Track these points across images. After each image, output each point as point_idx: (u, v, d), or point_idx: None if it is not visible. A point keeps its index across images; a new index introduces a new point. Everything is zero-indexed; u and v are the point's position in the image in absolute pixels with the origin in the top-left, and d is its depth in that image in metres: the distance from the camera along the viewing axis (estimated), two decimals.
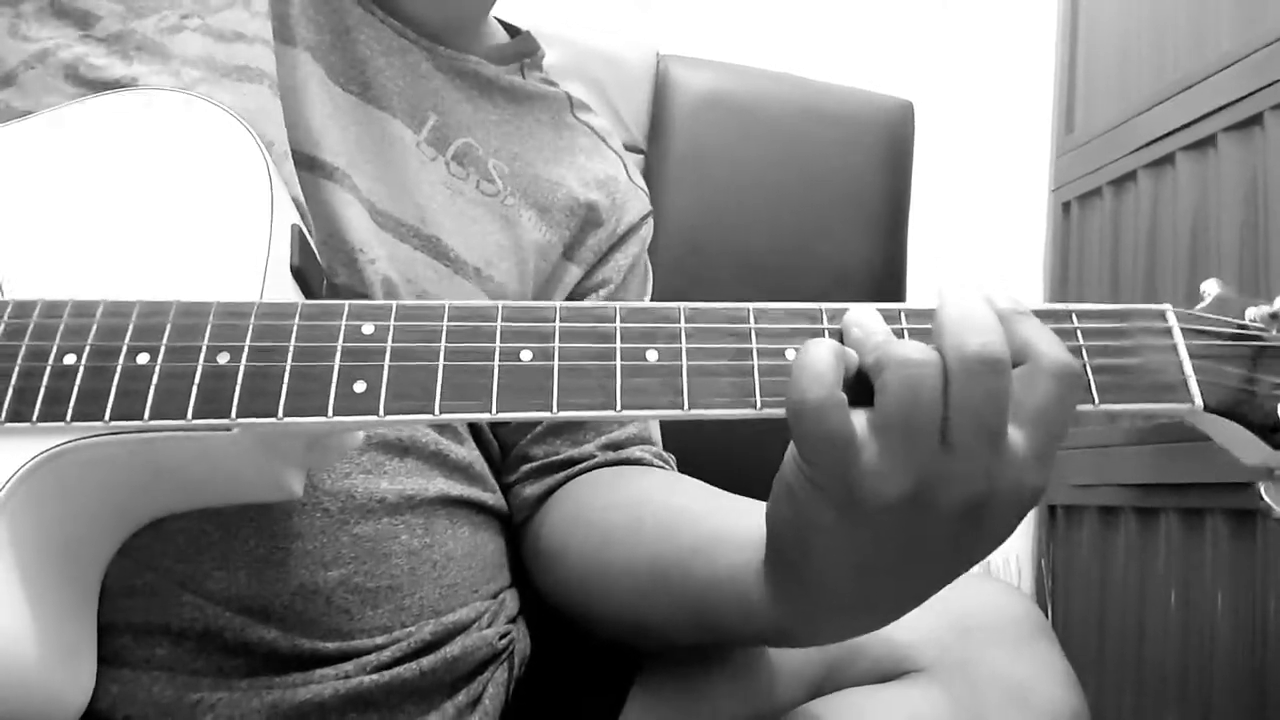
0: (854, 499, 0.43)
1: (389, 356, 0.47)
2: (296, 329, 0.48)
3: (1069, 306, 0.50)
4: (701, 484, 0.69)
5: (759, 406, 0.46)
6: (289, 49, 0.67)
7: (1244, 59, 1.44)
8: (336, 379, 0.46)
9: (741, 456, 0.74)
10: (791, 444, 0.45)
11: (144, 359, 0.47)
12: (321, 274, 0.58)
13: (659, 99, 1.25)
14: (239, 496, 0.54)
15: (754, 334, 0.47)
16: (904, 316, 0.48)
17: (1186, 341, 0.50)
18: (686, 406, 0.46)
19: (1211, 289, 0.53)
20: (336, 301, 0.49)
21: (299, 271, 0.54)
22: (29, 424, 0.46)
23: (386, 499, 0.62)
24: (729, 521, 0.59)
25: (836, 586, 0.48)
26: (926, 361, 0.42)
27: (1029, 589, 1.80)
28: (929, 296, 0.47)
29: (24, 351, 0.47)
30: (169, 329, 0.48)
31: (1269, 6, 1.42)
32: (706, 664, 0.67)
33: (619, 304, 0.48)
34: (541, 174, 0.78)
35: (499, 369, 0.47)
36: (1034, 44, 1.97)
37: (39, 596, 0.45)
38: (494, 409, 0.46)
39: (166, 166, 0.55)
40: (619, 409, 0.46)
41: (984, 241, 1.90)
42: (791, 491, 0.46)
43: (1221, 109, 1.48)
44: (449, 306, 0.48)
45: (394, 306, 0.49)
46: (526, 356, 0.47)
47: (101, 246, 0.53)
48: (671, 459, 0.79)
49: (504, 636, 0.68)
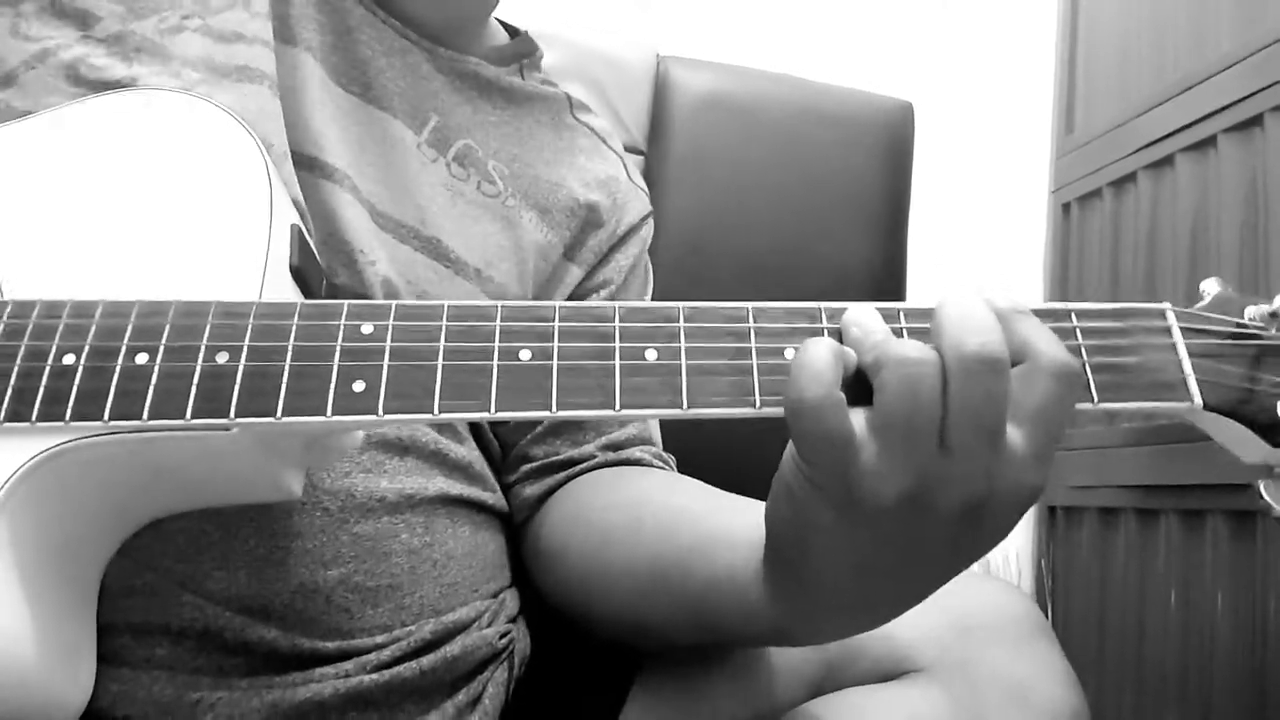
0: (852, 498, 0.43)
1: (388, 356, 0.47)
2: (295, 329, 0.48)
3: (1068, 306, 0.50)
4: (701, 484, 0.69)
5: (758, 406, 0.46)
6: (290, 49, 0.67)
7: (1244, 60, 1.44)
8: (335, 378, 0.47)
9: (741, 456, 0.74)
10: (790, 443, 0.45)
11: (143, 359, 0.47)
12: (321, 274, 0.58)
13: (659, 100, 1.25)
14: (238, 496, 0.54)
15: (753, 333, 0.47)
16: (903, 316, 0.48)
17: (1186, 340, 0.50)
18: (685, 406, 0.46)
19: (1211, 288, 0.53)
20: (335, 301, 0.49)
21: (298, 271, 0.54)
22: (28, 424, 0.46)
23: (386, 498, 0.62)
24: (728, 521, 0.59)
25: (835, 586, 0.48)
26: (925, 360, 0.42)
27: (1029, 589, 1.80)
28: (929, 297, 0.47)
29: (23, 351, 0.48)
30: (168, 329, 0.48)
31: (1269, 7, 1.42)
32: (706, 664, 0.67)
33: (618, 303, 0.48)
34: (542, 175, 0.78)
35: (498, 369, 0.47)
36: (1034, 44, 1.97)
37: (38, 596, 0.45)
38: (493, 408, 0.46)
39: (166, 167, 0.55)
40: (618, 408, 0.46)
41: (984, 242, 1.90)
42: (790, 491, 0.46)
43: (1221, 110, 1.48)
44: (448, 306, 0.48)
45: (393, 306, 0.49)
46: (525, 356, 0.47)
47: (101, 247, 0.53)
48: (671, 459, 0.79)
49: (504, 636, 0.68)
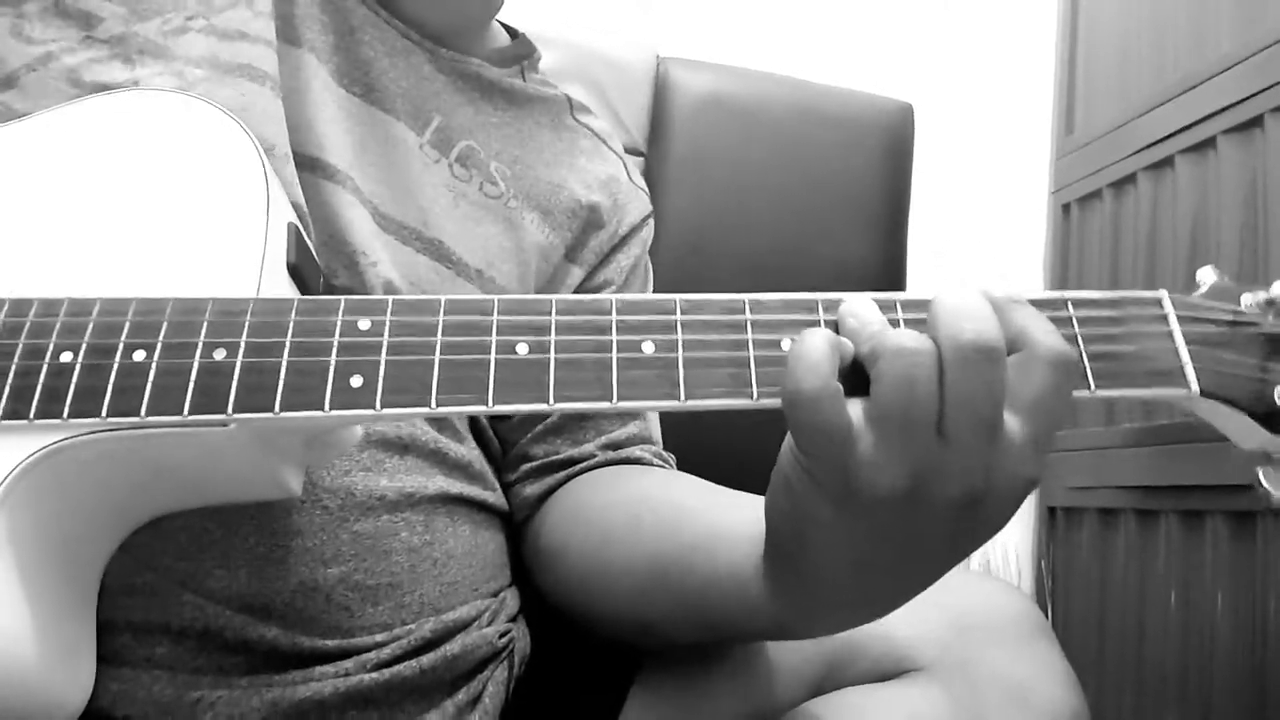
0: (850, 489, 0.43)
1: (385, 351, 0.47)
2: (293, 325, 0.48)
3: (1064, 294, 0.50)
4: (700, 481, 0.69)
5: (755, 397, 0.46)
6: (293, 50, 0.67)
7: (1244, 61, 1.44)
8: (333, 374, 0.47)
9: (741, 452, 0.74)
10: (788, 435, 0.45)
11: (140, 356, 0.47)
12: (319, 272, 0.58)
13: (659, 101, 1.25)
14: (238, 494, 0.53)
15: (749, 325, 0.47)
16: (899, 306, 0.48)
17: (1182, 328, 0.50)
18: (683, 398, 0.46)
19: (1207, 276, 0.53)
20: (332, 297, 0.49)
21: (295, 269, 0.54)
22: (26, 421, 0.46)
23: (386, 496, 0.62)
24: (728, 517, 0.58)
25: (834, 578, 0.48)
26: (921, 350, 0.42)
27: (1029, 589, 1.80)
28: None
29: (21, 349, 0.48)
30: (165, 326, 0.48)
31: (1269, 8, 1.42)
32: (706, 663, 0.67)
33: (615, 297, 0.48)
34: (543, 176, 0.78)
35: (495, 362, 0.47)
36: (1034, 45, 1.97)
37: (38, 595, 0.45)
38: (490, 402, 0.46)
39: (162, 165, 0.55)
40: (615, 401, 0.46)
41: (984, 243, 1.90)
42: (788, 483, 0.46)
43: (1221, 111, 1.47)
44: (445, 301, 0.48)
45: (390, 302, 0.49)
46: (523, 350, 0.47)
47: (98, 245, 0.53)
48: (672, 458, 0.79)
49: (504, 635, 0.68)
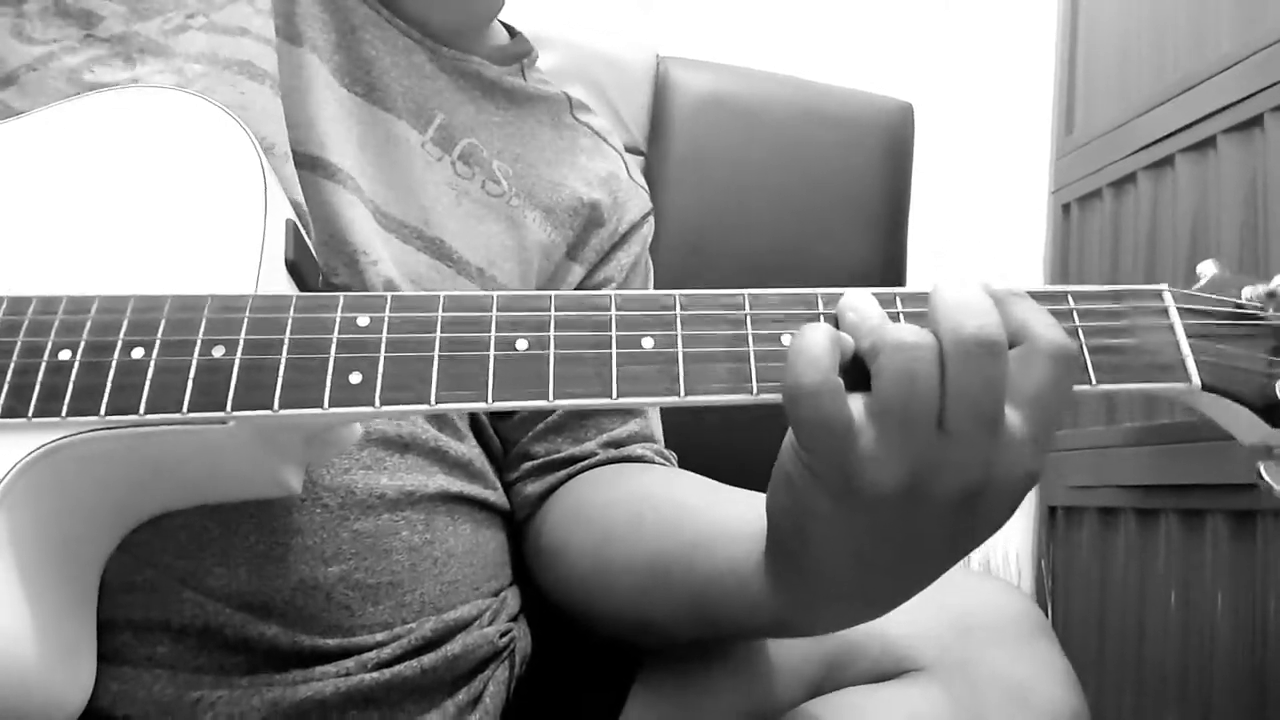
0: (851, 485, 0.43)
1: (384, 348, 0.47)
2: (291, 321, 0.48)
3: (1065, 288, 0.50)
4: (701, 478, 0.69)
5: (755, 392, 0.46)
6: (294, 48, 0.67)
7: (1244, 60, 1.43)
8: (332, 371, 0.46)
9: (742, 449, 0.74)
10: (789, 431, 0.45)
11: (139, 354, 0.47)
12: (317, 269, 0.58)
13: (659, 100, 1.25)
14: (237, 492, 0.53)
15: (749, 320, 0.47)
16: (899, 301, 0.48)
17: (1183, 321, 0.49)
18: (683, 393, 0.46)
19: (1208, 269, 0.52)
20: (331, 294, 0.49)
21: (293, 266, 0.54)
22: (25, 420, 0.46)
23: (386, 495, 0.62)
24: (729, 515, 0.58)
25: (835, 575, 0.48)
26: (922, 345, 0.42)
27: (1029, 589, 1.80)
28: None
29: (19, 347, 0.47)
30: (163, 323, 0.48)
31: (1269, 7, 1.42)
32: (707, 662, 0.67)
33: (614, 292, 0.48)
34: (544, 175, 0.78)
35: (495, 359, 0.47)
36: (1034, 44, 1.96)
37: (38, 594, 0.45)
38: (490, 398, 0.46)
39: (161, 162, 0.55)
40: (615, 397, 0.46)
41: (984, 243, 1.90)
42: (789, 479, 0.46)
43: (1221, 110, 1.47)
44: (444, 297, 0.48)
45: (389, 298, 0.49)
46: (522, 346, 0.47)
47: (96, 242, 0.53)
48: (673, 456, 0.79)
49: (505, 634, 0.68)
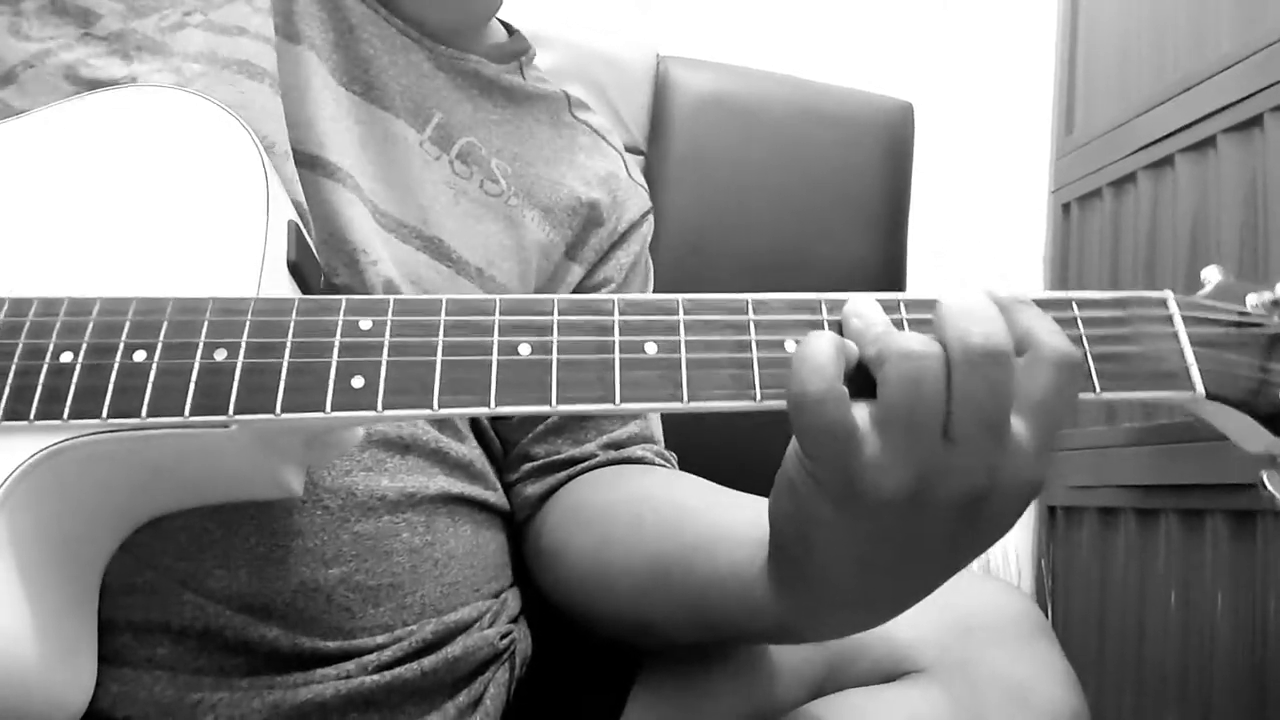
0: (854, 492, 0.43)
1: (387, 351, 0.47)
2: (294, 325, 0.48)
3: (1069, 295, 0.49)
4: (702, 481, 0.69)
5: (759, 399, 0.46)
6: (293, 46, 0.67)
7: (1244, 60, 1.43)
8: (334, 374, 0.46)
9: (743, 451, 0.74)
10: (793, 438, 0.45)
11: (141, 356, 0.47)
12: (319, 270, 0.58)
13: (659, 100, 1.25)
14: (238, 494, 0.53)
15: (753, 325, 0.47)
16: (903, 307, 0.48)
17: (1188, 329, 0.49)
18: (686, 399, 0.46)
19: (1212, 276, 0.52)
20: (334, 297, 0.49)
21: (296, 267, 0.54)
22: (27, 422, 0.46)
23: (387, 496, 0.62)
24: (730, 518, 0.58)
25: (838, 581, 0.48)
26: (928, 354, 0.42)
27: (1029, 589, 1.80)
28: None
29: (21, 349, 0.47)
30: (166, 326, 0.48)
31: (1269, 7, 1.42)
32: (707, 664, 0.67)
33: (617, 297, 0.48)
34: (543, 174, 0.78)
35: (497, 363, 0.46)
36: (1034, 44, 1.96)
37: (39, 595, 0.45)
38: (492, 403, 0.46)
39: (162, 163, 0.55)
40: (618, 403, 0.46)
41: (984, 242, 1.90)
42: (793, 485, 0.46)
43: (1221, 110, 1.47)
44: (447, 301, 0.48)
45: (391, 301, 0.48)
46: (525, 350, 0.47)
47: (98, 244, 0.53)
48: (673, 457, 0.79)
49: (505, 636, 0.68)
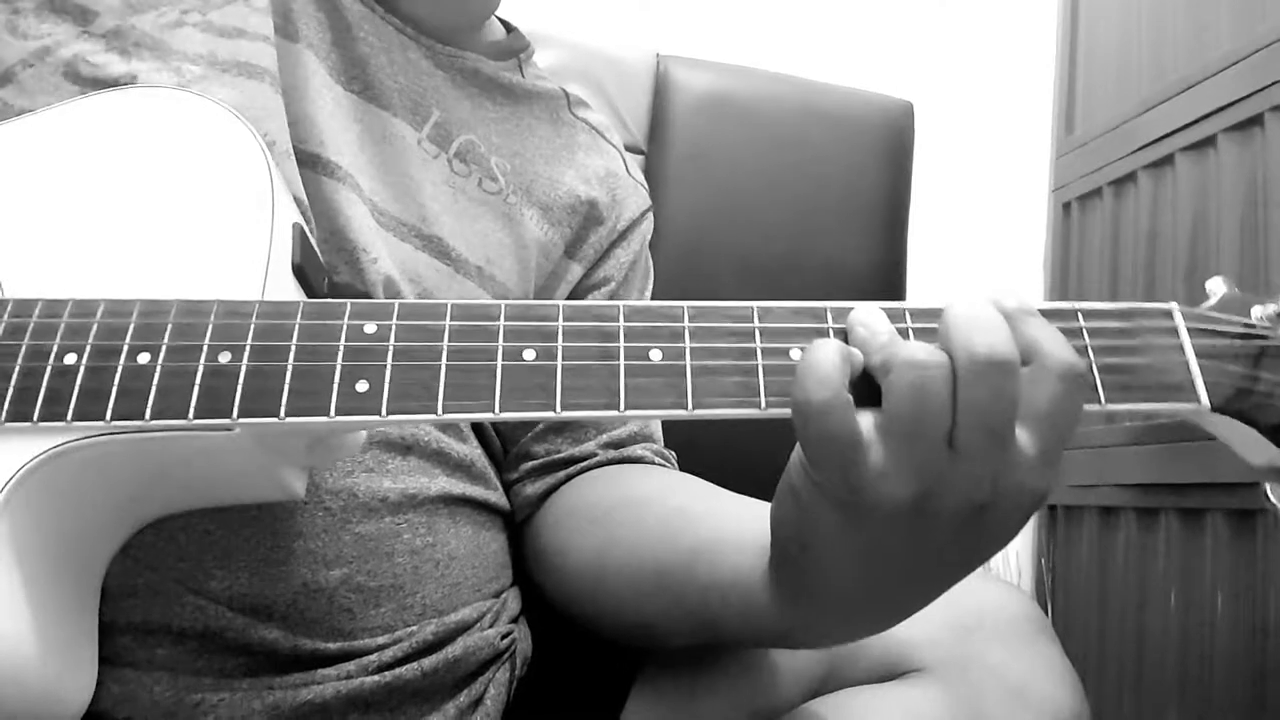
0: (858, 500, 0.43)
1: (391, 356, 0.47)
2: (298, 328, 0.47)
3: (1074, 305, 0.49)
4: (703, 483, 0.69)
5: (764, 407, 0.46)
6: (291, 45, 0.67)
7: (1244, 60, 1.43)
8: (339, 378, 0.46)
9: (743, 453, 0.74)
10: (797, 446, 0.45)
11: (145, 358, 0.47)
12: (323, 272, 0.58)
13: (659, 99, 1.25)
14: (241, 496, 0.53)
15: (758, 333, 0.47)
16: (908, 316, 0.48)
17: (1193, 341, 0.49)
18: (690, 406, 0.46)
19: (1217, 288, 0.52)
20: (338, 300, 0.49)
21: (300, 270, 0.54)
22: (30, 423, 0.45)
23: (389, 498, 0.62)
24: (732, 523, 0.58)
25: (841, 588, 0.48)
26: (934, 363, 0.42)
27: (1029, 589, 1.80)
28: (930, 297, 0.48)
29: (24, 351, 0.47)
30: (170, 328, 0.47)
31: (1269, 7, 1.42)
32: (708, 664, 0.67)
33: (622, 303, 0.48)
34: (542, 172, 0.78)
35: (502, 369, 0.46)
36: (1034, 44, 1.96)
37: (40, 597, 0.45)
38: (497, 409, 0.46)
39: (166, 164, 0.55)
40: (622, 409, 0.46)
41: (984, 242, 1.90)
42: (796, 493, 0.46)
43: (1221, 109, 1.47)
44: (451, 306, 0.48)
45: (396, 305, 0.48)
46: (529, 356, 0.47)
47: (102, 245, 0.53)
48: (673, 456, 0.79)
49: (506, 636, 0.68)
